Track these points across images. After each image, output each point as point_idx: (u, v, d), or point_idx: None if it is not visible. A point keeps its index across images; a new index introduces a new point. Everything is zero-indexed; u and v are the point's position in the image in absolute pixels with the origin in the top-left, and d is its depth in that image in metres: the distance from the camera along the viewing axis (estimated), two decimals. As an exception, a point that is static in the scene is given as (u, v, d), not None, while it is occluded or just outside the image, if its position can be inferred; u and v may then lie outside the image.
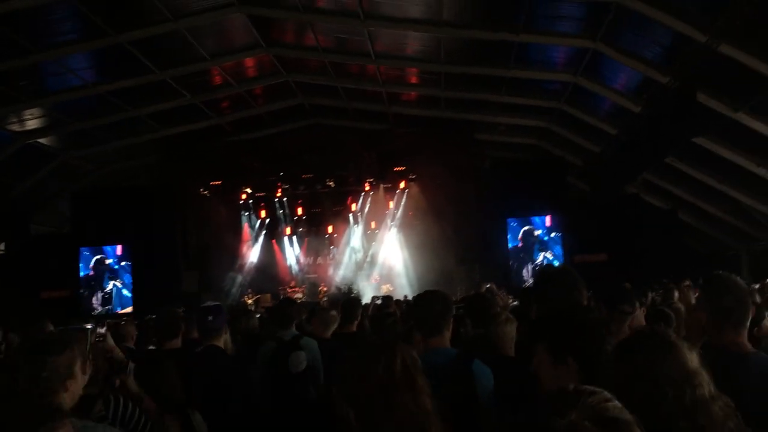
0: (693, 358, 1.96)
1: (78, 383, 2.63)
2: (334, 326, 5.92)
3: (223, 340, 4.95)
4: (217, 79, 17.75)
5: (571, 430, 1.22)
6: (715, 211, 18.29)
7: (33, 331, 6.19)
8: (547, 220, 19.80)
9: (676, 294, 8.03)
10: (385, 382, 1.90)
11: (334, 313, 6.04)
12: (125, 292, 20.53)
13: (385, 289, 19.20)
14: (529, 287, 3.31)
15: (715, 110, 13.14)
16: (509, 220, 19.91)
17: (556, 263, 18.37)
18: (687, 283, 7.71)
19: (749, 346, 2.78)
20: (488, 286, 9.65)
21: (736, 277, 2.93)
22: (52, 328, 6.48)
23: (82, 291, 20.41)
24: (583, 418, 1.24)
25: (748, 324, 2.82)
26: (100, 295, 20.56)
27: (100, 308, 20.30)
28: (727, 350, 1.96)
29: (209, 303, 4.99)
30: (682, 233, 19.03)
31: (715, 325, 2.78)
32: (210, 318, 4.73)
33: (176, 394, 3.46)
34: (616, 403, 1.32)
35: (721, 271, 2.94)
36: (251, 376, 5.01)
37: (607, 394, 1.34)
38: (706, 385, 1.88)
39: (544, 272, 3.39)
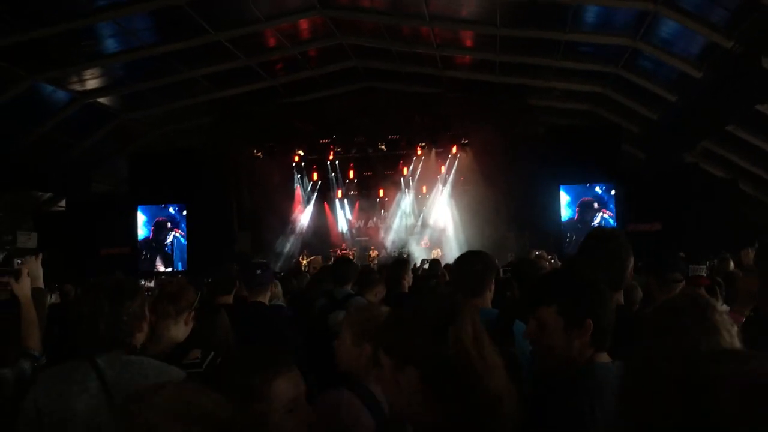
0: (730, 334, 1.92)
1: (148, 322, 2.81)
2: (375, 290, 5.97)
3: (270, 296, 5.06)
4: (272, 41, 17.78)
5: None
6: (777, 182, 17.76)
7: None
8: (604, 187, 19.51)
9: (732, 264, 7.86)
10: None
11: (377, 276, 6.08)
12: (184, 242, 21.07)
13: (435, 254, 19.20)
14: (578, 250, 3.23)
15: (780, 77, 12.67)
16: (562, 187, 19.67)
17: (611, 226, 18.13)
18: (747, 249, 7.55)
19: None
20: (537, 253, 9.58)
21: None
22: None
23: (141, 249, 20.98)
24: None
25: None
26: (160, 254, 21.14)
27: (162, 267, 20.86)
28: None
29: (258, 259, 5.09)
30: (742, 203, 18.50)
31: (766, 290, 2.72)
32: (258, 272, 4.83)
33: (230, 346, 3.54)
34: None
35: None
36: (300, 333, 5.07)
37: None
38: None
39: (590, 235, 3.30)
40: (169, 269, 20.69)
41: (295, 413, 1.97)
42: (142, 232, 21.17)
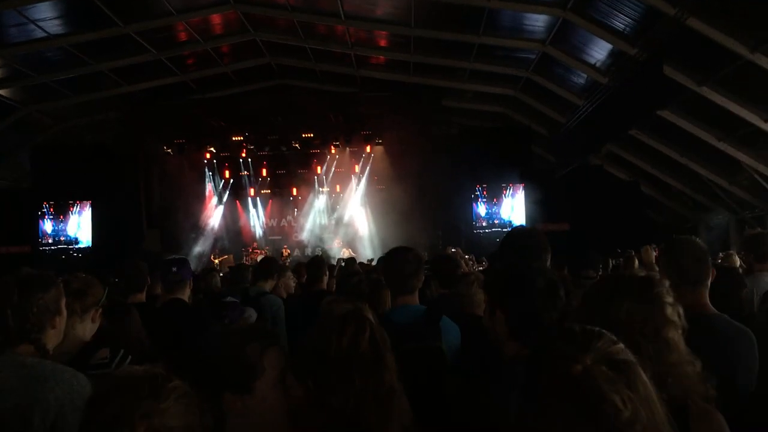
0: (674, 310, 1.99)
1: (64, 321, 2.67)
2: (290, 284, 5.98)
3: (186, 295, 4.93)
4: (183, 36, 17.39)
5: (590, 377, 1.24)
6: (675, 184, 18.62)
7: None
8: (512, 189, 20.02)
9: (636, 262, 8.19)
10: (350, 355, 1.85)
11: (289, 272, 6.09)
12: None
13: (346, 253, 19.23)
14: (496, 251, 3.36)
15: (680, 83, 13.28)
16: (474, 186, 20.07)
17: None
18: (648, 246, 7.89)
19: (710, 307, 2.85)
20: (453, 250, 9.73)
21: (696, 239, 3.00)
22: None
23: (42, 248, 20.10)
24: (597, 362, 1.26)
25: (709, 284, 2.89)
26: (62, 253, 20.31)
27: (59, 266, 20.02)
28: (687, 311, 1.99)
29: (174, 256, 4.97)
30: (643, 205, 19.34)
31: (674, 284, 2.84)
32: (174, 269, 4.69)
33: (143, 345, 3.45)
34: (620, 344, 1.34)
35: (682, 235, 3.01)
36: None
37: (611, 336, 1.35)
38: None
39: (509, 234, 3.42)
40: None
41: (284, 385, 1.98)
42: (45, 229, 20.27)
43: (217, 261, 19.89)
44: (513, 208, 20.09)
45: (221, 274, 12.65)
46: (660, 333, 1.88)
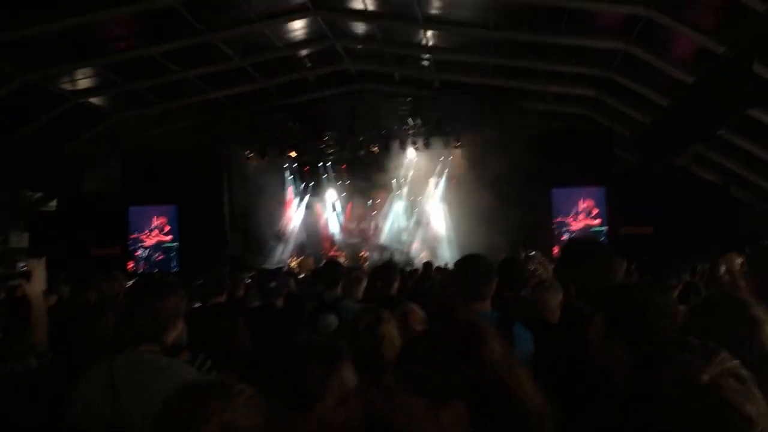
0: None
1: (181, 323, 2.89)
2: (361, 287, 6.01)
3: (279, 302, 5.08)
4: (265, 42, 17.77)
5: (719, 388, 1.21)
6: (767, 185, 17.86)
7: (106, 283, 6.44)
8: (594, 191, 19.61)
9: (723, 268, 7.89)
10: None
11: (360, 274, 6.12)
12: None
13: (425, 256, 19.23)
14: (560, 263, 3.25)
15: (771, 81, 12.75)
16: (554, 189, 19.75)
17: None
18: (733, 253, 7.57)
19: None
20: (533, 253, 9.58)
21: None
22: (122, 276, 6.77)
23: (132, 249, 20.87)
24: (724, 375, 1.23)
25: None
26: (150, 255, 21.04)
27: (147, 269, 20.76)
28: None
29: (270, 266, 5.12)
30: (732, 208, 18.61)
31: (758, 294, 2.75)
32: (273, 284, 4.85)
33: (244, 350, 3.49)
34: (737, 360, 1.30)
35: (766, 241, 2.90)
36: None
37: (726, 352, 1.31)
38: None
39: (573, 247, 3.34)
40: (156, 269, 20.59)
41: (347, 405, 1.98)
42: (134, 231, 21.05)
43: (294, 264, 20.21)
44: (595, 211, 19.66)
45: (300, 276, 12.88)
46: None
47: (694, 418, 1.18)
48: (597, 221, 19.33)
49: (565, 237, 19.42)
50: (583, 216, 19.60)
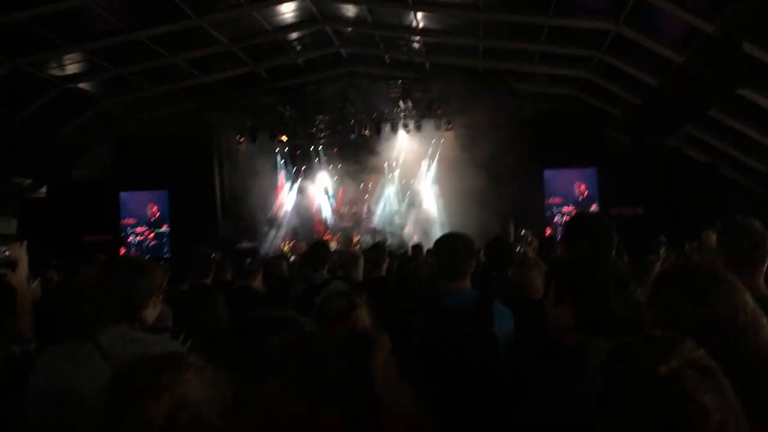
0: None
1: (161, 299, 2.91)
2: (359, 268, 6.01)
3: (257, 282, 5.07)
4: (254, 26, 17.66)
5: (676, 378, 1.21)
6: (758, 166, 17.90)
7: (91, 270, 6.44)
8: (585, 172, 19.66)
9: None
10: None
11: (357, 251, 6.13)
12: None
13: (417, 239, 19.27)
14: (549, 236, 3.31)
15: (761, 61, 12.74)
16: (546, 171, 19.78)
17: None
18: (708, 232, 7.63)
19: (766, 289, 2.77)
20: (523, 232, 9.55)
21: (754, 221, 2.90)
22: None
23: (124, 235, 20.85)
24: (683, 366, 1.23)
25: (765, 268, 2.80)
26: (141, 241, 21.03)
27: (139, 254, 20.74)
28: None
29: (245, 244, 5.10)
30: (723, 188, 18.67)
31: (731, 268, 2.77)
32: (248, 260, 4.84)
33: (221, 328, 3.52)
34: (703, 350, 1.30)
35: (738, 216, 2.92)
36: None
37: (692, 342, 1.32)
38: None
39: (575, 218, 3.39)
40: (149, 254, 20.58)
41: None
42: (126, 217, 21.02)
43: (287, 248, 20.22)
44: (586, 191, 19.71)
45: (291, 259, 12.87)
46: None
47: (652, 410, 1.19)
48: (593, 205, 19.38)
49: (557, 218, 19.49)
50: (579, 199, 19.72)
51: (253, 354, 1.86)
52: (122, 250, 20.44)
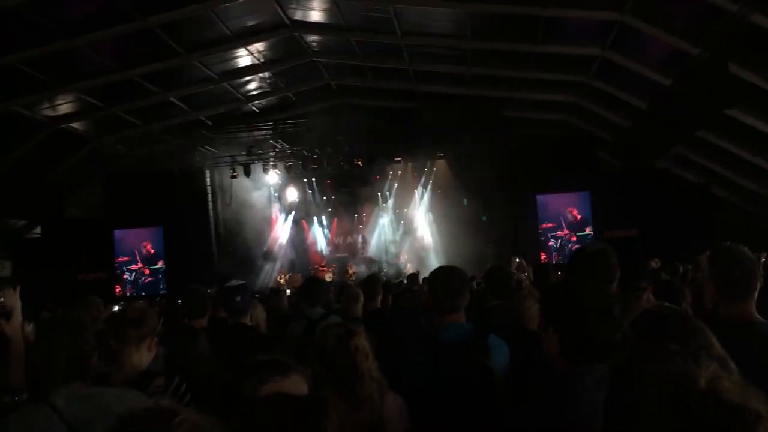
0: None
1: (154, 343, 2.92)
2: (360, 303, 6.01)
3: (251, 318, 5.05)
4: (244, 61, 17.81)
5: (714, 391, 1.14)
6: (748, 184, 18.00)
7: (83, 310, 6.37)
8: (577, 196, 19.74)
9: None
10: None
11: (358, 289, 6.12)
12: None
13: (411, 267, 19.29)
14: (543, 263, 3.34)
15: (747, 81, 12.89)
16: (538, 196, 19.85)
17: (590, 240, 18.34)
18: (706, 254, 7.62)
19: (757, 315, 2.79)
20: (517, 259, 9.56)
21: (744, 248, 2.93)
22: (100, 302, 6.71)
23: (118, 272, 20.79)
24: (716, 377, 1.17)
25: (756, 294, 2.82)
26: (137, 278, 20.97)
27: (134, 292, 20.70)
28: (735, 321, 1.98)
29: (235, 282, 5.07)
30: (714, 207, 18.76)
31: (722, 296, 2.79)
32: (238, 298, 4.83)
33: (209, 369, 3.52)
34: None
35: (728, 243, 2.94)
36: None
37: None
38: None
39: (579, 250, 3.44)
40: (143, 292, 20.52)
41: None
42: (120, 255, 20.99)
43: (282, 281, 20.19)
44: (579, 215, 19.77)
45: (289, 291, 12.85)
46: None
47: (696, 427, 1.12)
48: (586, 229, 19.45)
49: (552, 243, 19.53)
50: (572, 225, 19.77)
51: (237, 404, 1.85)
52: (117, 288, 20.39)
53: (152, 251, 21.02)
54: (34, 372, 2.67)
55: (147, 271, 21.00)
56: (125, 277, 20.92)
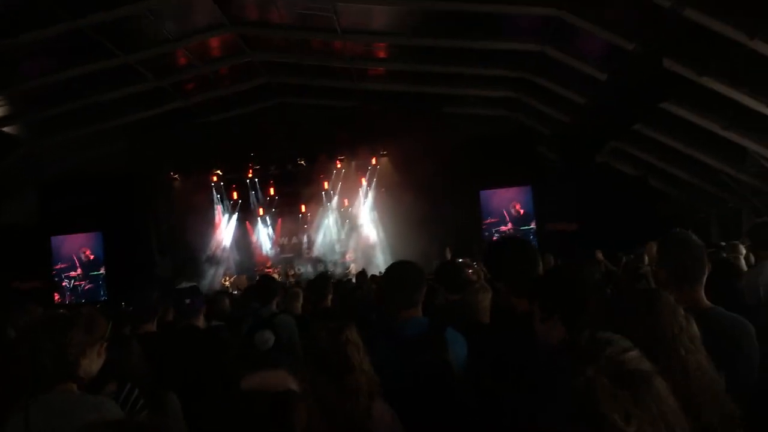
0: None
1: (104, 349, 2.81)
2: (299, 302, 6.00)
3: (201, 321, 4.99)
4: (182, 61, 17.51)
5: (590, 389, 1.16)
6: (684, 176, 18.52)
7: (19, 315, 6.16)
8: (520, 191, 20.02)
9: (646, 258, 8.16)
10: None
11: (297, 289, 6.11)
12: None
13: (353, 268, 19.29)
14: (491, 261, 3.38)
15: (680, 75, 13.24)
16: (481, 192, 20.06)
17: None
18: (653, 242, 7.84)
19: (705, 301, 2.85)
20: (460, 261, 9.66)
21: (692, 235, 2.99)
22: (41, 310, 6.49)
23: (57, 280, 20.22)
24: (601, 374, 1.18)
25: (705, 280, 2.88)
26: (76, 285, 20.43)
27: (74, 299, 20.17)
28: (688, 307, 2.02)
29: (185, 284, 5.00)
30: (652, 199, 19.25)
31: (673, 282, 2.85)
32: (188, 301, 4.75)
33: (144, 376, 3.46)
34: (634, 352, 1.25)
35: (677, 230, 3.00)
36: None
37: (625, 343, 1.28)
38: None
39: (496, 248, 3.47)
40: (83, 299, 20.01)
41: None
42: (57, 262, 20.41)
43: (227, 282, 19.94)
44: (522, 209, 20.05)
45: (235, 292, 12.65)
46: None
47: (574, 424, 1.16)
48: (531, 223, 19.76)
49: (496, 237, 19.75)
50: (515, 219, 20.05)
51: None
52: (56, 296, 19.82)
53: (92, 257, 20.51)
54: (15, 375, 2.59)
55: (84, 281, 20.47)
56: (64, 284, 20.36)
